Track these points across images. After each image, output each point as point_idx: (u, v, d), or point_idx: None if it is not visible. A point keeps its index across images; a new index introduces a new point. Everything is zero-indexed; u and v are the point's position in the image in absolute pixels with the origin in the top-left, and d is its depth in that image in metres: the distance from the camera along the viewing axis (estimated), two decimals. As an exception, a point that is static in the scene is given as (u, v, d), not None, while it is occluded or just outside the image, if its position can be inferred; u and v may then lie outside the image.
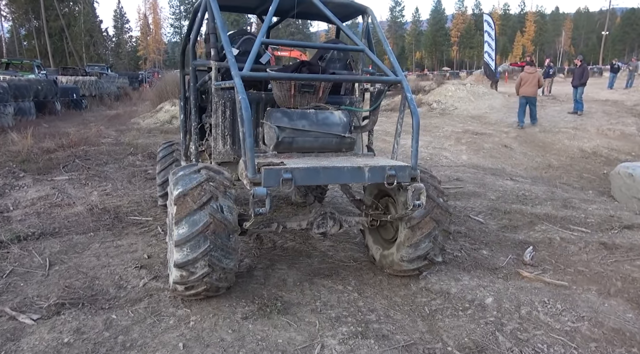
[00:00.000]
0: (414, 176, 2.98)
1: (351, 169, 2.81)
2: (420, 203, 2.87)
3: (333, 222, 3.21)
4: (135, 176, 6.50)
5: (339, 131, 3.26)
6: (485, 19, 20.19)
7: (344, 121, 3.31)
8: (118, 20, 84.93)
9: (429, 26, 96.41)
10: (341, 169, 2.80)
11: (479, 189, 6.05)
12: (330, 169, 2.78)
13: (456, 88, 17.27)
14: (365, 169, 2.81)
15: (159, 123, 13.88)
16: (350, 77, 3.73)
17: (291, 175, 2.60)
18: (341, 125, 3.29)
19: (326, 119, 3.26)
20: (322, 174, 2.76)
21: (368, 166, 2.84)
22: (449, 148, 9.87)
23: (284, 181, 2.58)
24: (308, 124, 3.19)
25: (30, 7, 55.90)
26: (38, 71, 22.48)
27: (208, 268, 2.63)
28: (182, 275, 2.63)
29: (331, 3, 3.51)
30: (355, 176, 2.84)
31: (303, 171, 2.68)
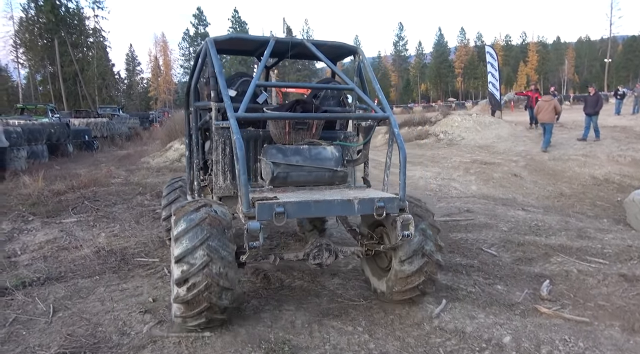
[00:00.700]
0: (402, 207, 3.09)
1: (341, 202, 2.96)
2: (409, 233, 2.99)
3: (328, 253, 3.29)
4: (143, 216, 6.49)
5: (331, 165, 3.41)
6: (488, 50, 20.50)
7: (335, 156, 3.45)
8: (130, 63, 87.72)
9: (433, 59, 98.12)
10: (332, 202, 2.95)
11: (490, 221, 5.93)
12: (322, 202, 2.93)
13: (462, 118, 17.34)
14: (355, 202, 2.96)
15: (168, 162, 14.02)
16: (340, 115, 3.87)
17: (283, 209, 2.77)
18: (333, 159, 3.43)
19: (319, 154, 3.41)
20: (314, 207, 2.91)
21: (357, 198, 2.98)
22: (457, 179, 9.79)
23: (276, 214, 2.74)
24: (302, 159, 3.34)
25: (46, 54, 58.08)
26: (52, 115, 23.07)
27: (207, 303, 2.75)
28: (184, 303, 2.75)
29: (324, 45, 3.78)
30: (346, 209, 3.00)
31: (295, 204, 2.84)
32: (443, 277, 4.04)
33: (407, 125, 18.27)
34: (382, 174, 3.66)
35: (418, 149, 14.35)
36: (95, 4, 60.24)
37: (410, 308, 3.42)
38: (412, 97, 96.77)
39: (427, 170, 10.59)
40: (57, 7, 57.09)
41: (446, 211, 6.72)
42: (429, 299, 3.56)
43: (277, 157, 3.30)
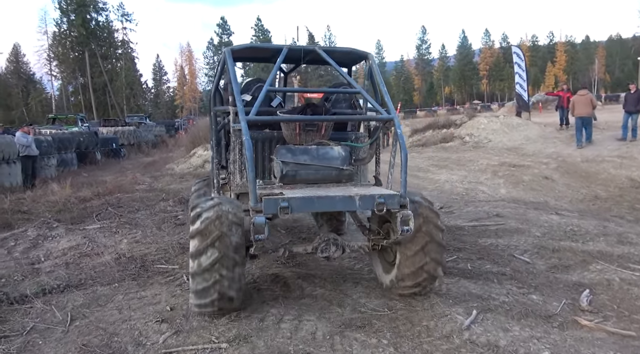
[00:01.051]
0: (403, 203, 3.21)
1: (343, 198, 3.15)
2: (408, 229, 3.12)
3: (335, 248, 3.41)
4: (165, 222, 6.46)
5: (338, 164, 3.59)
6: (514, 51, 19.96)
7: (342, 155, 3.62)
8: (157, 72, 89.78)
9: (456, 61, 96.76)
10: (334, 198, 3.14)
11: (522, 225, 5.64)
12: (324, 198, 3.13)
13: (489, 120, 16.90)
14: (356, 198, 3.14)
15: (192, 168, 14.12)
16: (345, 117, 4.04)
17: (288, 204, 2.98)
18: (339, 159, 3.60)
19: (326, 153, 3.61)
20: (317, 202, 3.15)
21: (359, 195, 3.16)
22: (485, 182, 9.47)
23: (281, 208, 2.96)
24: (309, 159, 3.55)
25: (77, 66, 60.00)
26: (81, 124, 23.72)
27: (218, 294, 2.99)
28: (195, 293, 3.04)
29: (336, 52, 4.03)
30: (347, 204, 3.19)
31: (299, 200, 3.05)
32: (473, 285, 3.82)
33: (431, 128, 17.93)
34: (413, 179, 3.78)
35: (443, 152, 14.02)
36: (123, 17, 61.93)
37: (438, 320, 3.22)
38: (436, 100, 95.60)
39: (453, 173, 10.30)
40: (87, 21, 58.94)
41: (474, 215, 6.45)
42: (458, 309, 3.35)
43: (286, 157, 3.53)
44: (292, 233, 5.80)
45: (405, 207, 3.21)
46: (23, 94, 71.26)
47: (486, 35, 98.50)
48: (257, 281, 4.00)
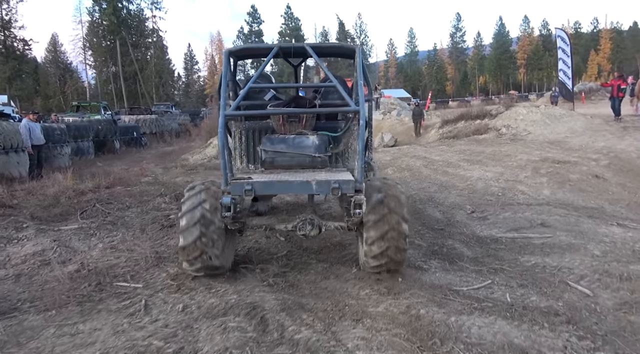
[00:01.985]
0: (358, 188, 3.40)
1: (301, 183, 3.41)
2: (359, 211, 3.41)
3: (312, 226, 3.68)
4: (154, 223, 5.69)
5: (311, 151, 3.89)
6: (558, 34, 18.30)
7: (316, 144, 3.91)
8: (188, 62, 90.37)
9: (493, 50, 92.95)
10: (292, 183, 3.44)
11: (574, 240, 4.55)
12: (283, 182, 3.47)
13: (528, 111, 15.45)
14: (312, 183, 3.36)
15: (207, 159, 13.45)
16: (312, 110, 4.11)
17: (251, 186, 3.35)
18: (313, 147, 3.90)
19: (301, 142, 3.92)
20: (276, 186, 3.53)
21: (316, 179, 3.38)
22: (525, 181, 8.28)
23: (245, 191, 3.34)
24: (285, 147, 3.91)
25: (109, 55, 60.71)
26: (104, 112, 23.51)
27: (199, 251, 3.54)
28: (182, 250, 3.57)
29: (325, 47, 4.58)
30: (304, 188, 3.44)
31: (261, 183, 3.41)
32: (515, 331, 2.81)
33: (463, 119, 16.61)
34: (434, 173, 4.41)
35: (476, 145, 12.78)
36: (153, 4, 62.09)
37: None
38: (470, 90, 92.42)
39: (487, 170, 9.14)
40: (118, 9, 59.40)
41: (513, 223, 5.38)
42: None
43: (266, 145, 3.93)
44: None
45: (360, 192, 3.42)
46: (60, 83, 73.18)
47: (525, 22, 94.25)
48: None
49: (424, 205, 6.83)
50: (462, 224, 5.49)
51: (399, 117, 26.52)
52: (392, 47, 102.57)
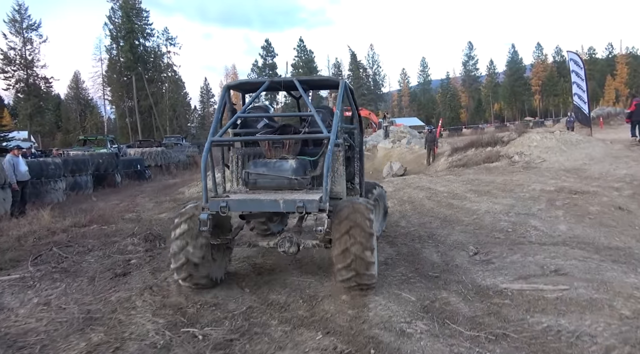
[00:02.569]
0: (322, 208, 3.75)
1: (270, 201, 3.88)
2: (321, 229, 3.82)
3: (290, 244, 4.10)
4: (109, 270, 5.01)
5: (289, 174, 4.23)
6: (571, 57, 17.59)
7: (293, 167, 4.25)
8: (204, 95, 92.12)
9: (506, 77, 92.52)
10: (262, 201, 3.93)
11: (597, 294, 3.69)
12: (255, 200, 3.98)
13: (542, 137, 14.60)
14: (280, 201, 3.83)
15: (196, 193, 12.82)
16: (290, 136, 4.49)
17: (226, 204, 3.88)
18: (291, 170, 4.24)
19: (281, 166, 4.29)
20: (249, 203, 4.04)
21: (283, 199, 3.84)
22: (538, 214, 7.41)
23: (221, 207, 3.86)
24: (267, 170, 4.30)
25: (125, 90, 62.12)
26: (110, 145, 23.39)
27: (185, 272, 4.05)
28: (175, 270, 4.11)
29: (312, 80, 4.89)
30: (273, 206, 3.90)
31: (235, 201, 3.97)
32: None
33: (473, 146, 15.82)
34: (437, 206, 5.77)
35: (486, 174, 11.94)
36: (168, 41, 63.73)
37: None
38: (485, 117, 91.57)
39: (497, 202, 8.30)
40: (135, 46, 61.07)
41: (522, 269, 4.53)
42: None
43: (250, 168, 4.36)
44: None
45: (324, 211, 3.73)
46: (80, 118, 75.05)
47: (538, 49, 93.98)
48: None
49: (422, 244, 6.03)
50: (462, 270, 4.67)
51: (408, 145, 25.84)
52: (404, 76, 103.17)
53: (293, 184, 4.20)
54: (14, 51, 56.60)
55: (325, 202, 3.72)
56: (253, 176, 4.28)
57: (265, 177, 4.26)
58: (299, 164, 4.27)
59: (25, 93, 58.26)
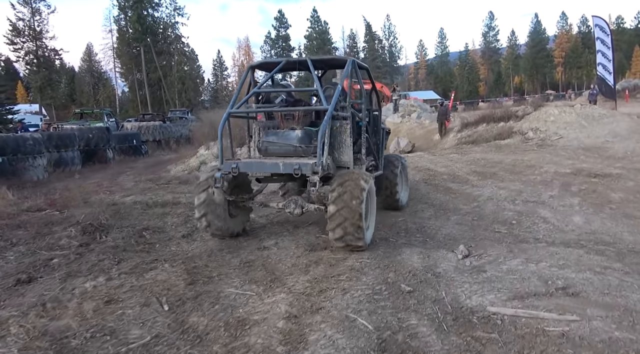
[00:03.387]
0: (315, 170, 4.26)
1: (272, 164, 4.56)
2: (313, 189, 4.24)
3: (295, 206, 4.67)
4: (15, 274, 4.16)
5: (294, 142, 4.82)
6: (597, 23, 15.94)
7: (299, 137, 4.83)
8: (217, 68, 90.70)
9: (528, 48, 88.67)
10: (265, 164, 4.61)
11: (618, 331, 2.66)
12: (259, 163, 4.67)
13: (561, 111, 13.28)
14: (280, 164, 4.48)
15: (187, 170, 12.00)
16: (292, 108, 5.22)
17: (236, 165, 4.56)
18: (296, 139, 4.83)
19: (288, 135, 4.91)
20: (255, 166, 4.68)
21: (283, 162, 4.49)
22: (549, 203, 6.34)
23: (232, 168, 4.54)
24: (275, 139, 4.94)
25: (134, 62, 61.18)
26: (107, 119, 22.60)
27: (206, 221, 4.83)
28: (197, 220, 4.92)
29: (324, 60, 5.62)
30: (274, 168, 4.54)
31: (243, 163, 4.63)
32: None
33: (484, 121, 14.57)
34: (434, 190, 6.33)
35: (495, 152, 10.78)
36: (176, 11, 62.07)
37: None
38: (504, 91, 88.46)
39: (503, 186, 7.22)
40: (143, 17, 59.72)
41: (520, 284, 3.51)
42: None
43: (264, 137, 5.07)
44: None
45: (317, 173, 4.25)
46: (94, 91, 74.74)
47: (562, 19, 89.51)
48: None
49: (407, 239, 5.06)
50: (445, 281, 3.69)
51: (418, 120, 24.52)
52: (422, 48, 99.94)
53: (299, 152, 4.75)
54: (23, 22, 55.97)
55: (318, 166, 4.23)
56: (265, 143, 4.94)
57: (274, 145, 4.87)
58: (304, 134, 4.81)
59: (35, 65, 57.89)
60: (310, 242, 4.86)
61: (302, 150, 4.73)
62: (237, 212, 5.09)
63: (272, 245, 4.83)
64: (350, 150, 4.89)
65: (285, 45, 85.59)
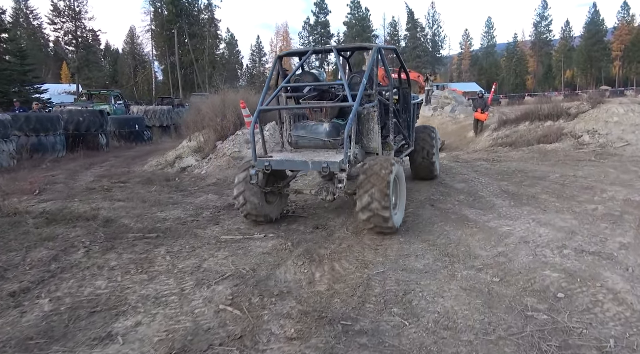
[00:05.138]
0: (342, 168, 4.44)
1: (301, 162, 4.69)
2: (341, 186, 4.47)
3: (327, 193, 4.86)
4: None
5: (323, 136, 5.07)
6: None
7: (327, 130, 5.06)
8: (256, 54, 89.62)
9: (583, 41, 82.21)
10: (296, 161, 4.76)
11: None
12: (290, 161, 4.82)
13: (627, 110, 10.50)
14: (309, 162, 4.60)
15: (162, 166, 10.14)
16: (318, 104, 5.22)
17: (269, 163, 4.75)
18: (324, 133, 5.06)
19: (317, 129, 5.12)
20: (285, 163, 4.85)
21: (312, 160, 4.61)
22: (621, 258, 3.97)
23: (265, 166, 4.75)
24: (305, 132, 5.18)
25: (168, 45, 60.61)
26: (115, 102, 21.21)
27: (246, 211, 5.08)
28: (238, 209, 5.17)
29: (350, 47, 5.85)
30: (304, 166, 4.71)
31: (275, 161, 4.79)
32: None
33: (527, 119, 11.92)
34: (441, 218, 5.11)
35: (538, 161, 8.29)
36: (208, -7, 60.77)
37: None
38: (554, 85, 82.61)
39: (545, 221, 4.88)
40: (177, -1, 58.89)
41: None
42: None
43: (294, 131, 5.29)
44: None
45: (345, 171, 4.44)
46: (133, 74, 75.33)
47: (624, 9, 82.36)
48: None
49: (375, 321, 2.92)
50: None
51: (452, 114, 21.86)
52: (467, 38, 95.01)
53: (327, 145, 5.06)
54: (64, 2, 56.30)
55: (346, 164, 4.45)
56: (295, 137, 5.25)
57: (304, 139, 5.18)
58: (332, 127, 5.07)
59: (74, 46, 58.31)
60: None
61: (331, 143, 5.03)
62: (274, 199, 5.34)
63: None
64: (379, 136, 5.14)
65: (325, 32, 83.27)
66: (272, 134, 9.64)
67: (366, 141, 5.20)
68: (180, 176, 8.82)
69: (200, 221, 5.47)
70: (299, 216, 5.58)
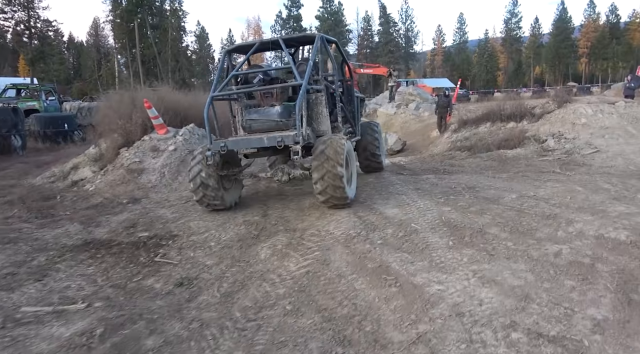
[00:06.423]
0: (296, 140, 4.68)
1: (257, 139, 4.96)
2: (297, 157, 4.69)
3: (282, 174, 5.13)
4: None
5: (275, 118, 5.27)
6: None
7: (278, 112, 5.28)
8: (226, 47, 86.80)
9: (552, 37, 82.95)
10: (251, 139, 5.04)
11: None
12: (245, 140, 5.11)
13: (596, 110, 9.34)
14: (264, 138, 4.88)
15: (53, 178, 8.34)
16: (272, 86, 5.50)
17: (224, 144, 4.97)
18: (277, 114, 5.27)
19: (269, 112, 5.35)
20: (241, 142, 5.12)
21: (267, 136, 4.89)
22: (591, 342, 2.60)
23: (220, 147, 4.96)
24: (257, 115, 5.39)
25: (128, 37, 57.72)
26: (46, 98, 18.95)
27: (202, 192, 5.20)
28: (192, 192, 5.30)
29: (295, 38, 6.19)
30: (259, 142, 4.94)
31: (231, 142, 5.05)
32: None
33: (488, 119, 10.64)
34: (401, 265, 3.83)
35: (495, 172, 6.97)
36: (172, -17, 58.07)
37: None
38: (524, 81, 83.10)
39: (490, 274, 3.48)
40: (135, -12, 56.06)
41: None
42: None
43: (246, 115, 5.51)
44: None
45: (298, 143, 4.66)
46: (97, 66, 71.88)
47: (590, 7, 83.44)
48: None
49: None
50: None
51: (416, 111, 20.59)
52: (440, 34, 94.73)
53: (280, 126, 5.25)
54: (13, -11, 52.75)
55: (299, 136, 4.68)
56: (248, 121, 5.43)
57: (257, 122, 5.36)
58: (283, 109, 5.29)
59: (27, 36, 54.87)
60: None
61: (283, 124, 5.23)
62: (229, 184, 5.52)
63: None
64: (327, 120, 5.47)
65: (297, 26, 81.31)
66: (186, 139, 8.06)
67: (316, 124, 5.43)
68: (64, 193, 7.13)
69: (18, 274, 3.87)
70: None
